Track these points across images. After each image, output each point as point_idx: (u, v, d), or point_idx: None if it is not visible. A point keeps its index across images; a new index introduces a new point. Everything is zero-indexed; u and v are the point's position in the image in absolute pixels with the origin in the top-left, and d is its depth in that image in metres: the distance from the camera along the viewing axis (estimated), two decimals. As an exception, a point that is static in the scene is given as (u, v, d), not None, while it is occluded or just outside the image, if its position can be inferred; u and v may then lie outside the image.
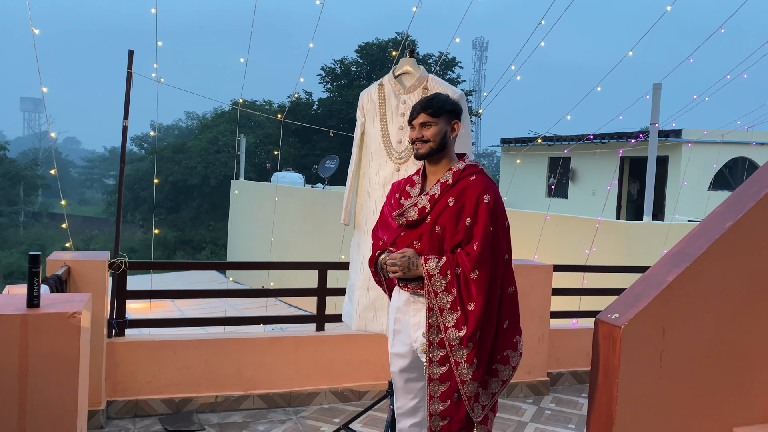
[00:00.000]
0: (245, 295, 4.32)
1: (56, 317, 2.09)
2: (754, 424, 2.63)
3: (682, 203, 12.45)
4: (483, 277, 2.35)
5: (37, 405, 2.08)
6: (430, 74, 3.11)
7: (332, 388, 4.25)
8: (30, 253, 2.15)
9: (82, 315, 2.14)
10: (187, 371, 3.97)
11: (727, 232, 2.57)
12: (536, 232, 7.19)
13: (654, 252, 7.51)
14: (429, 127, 2.50)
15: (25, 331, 2.06)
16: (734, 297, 2.58)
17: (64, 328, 2.11)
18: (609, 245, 7.75)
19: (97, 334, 3.63)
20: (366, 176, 3.20)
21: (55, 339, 2.11)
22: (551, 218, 8.37)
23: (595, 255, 7.17)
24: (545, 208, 14.11)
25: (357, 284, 3.20)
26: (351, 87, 30.31)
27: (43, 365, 2.08)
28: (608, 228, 7.86)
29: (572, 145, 14.17)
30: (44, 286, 2.86)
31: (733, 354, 2.59)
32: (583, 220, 8.36)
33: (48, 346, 2.10)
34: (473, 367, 2.36)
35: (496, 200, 2.45)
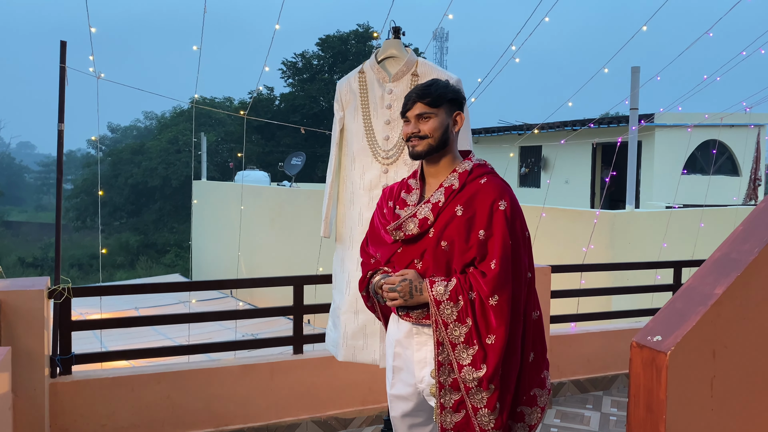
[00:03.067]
0: (213, 319, 3.81)
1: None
2: (815, 453, 2.27)
3: (656, 189, 12.29)
4: (504, 302, 1.91)
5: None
6: (419, 57, 2.64)
7: (314, 418, 3.77)
8: None
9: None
10: (148, 410, 3.44)
11: (780, 232, 2.19)
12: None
13: (639, 242, 7.22)
14: (427, 120, 2.04)
15: None
16: (792, 309, 2.20)
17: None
18: (592, 237, 7.43)
19: (36, 376, 3.08)
20: (348, 180, 2.72)
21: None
22: (529, 210, 8.00)
23: (576, 249, 6.83)
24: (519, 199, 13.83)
25: (342, 307, 2.73)
26: (313, 81, 29.67)
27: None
28: (588, 218, 7.53)
29: (545, 134, 13.91)
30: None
31: (793, 375, 2.21)
32: (566, 212, 8.02)
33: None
34: (495, 414, 1.92)
35: (513, 207, 2.01)
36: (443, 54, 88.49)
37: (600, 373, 4.64)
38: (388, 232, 2.09)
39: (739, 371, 2.14)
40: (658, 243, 7.00)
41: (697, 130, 12.51)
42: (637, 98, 8.04)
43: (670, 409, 2.04)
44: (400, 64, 2.63)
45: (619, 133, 11.68)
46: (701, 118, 11.97)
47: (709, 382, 2.11)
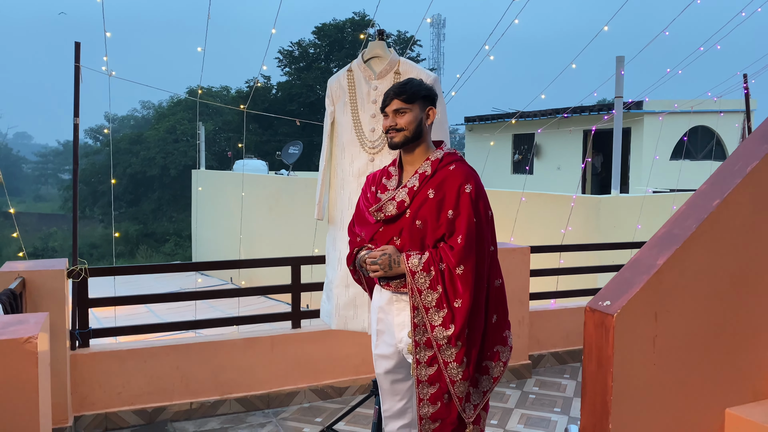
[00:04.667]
0: (217, 296, 4.13)
1: (10, 344, 1.90)
2: (746, 403, 2.60)
3: (645, 174, 12.60)
4: (469, 271, 2.23)
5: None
6: (401, 57, 2.95)
7: (312, 386, 4.11)
8: (-25, 275, 1.95)
9: (38, 338, 1.95)
10: (159, 379, 3.78)
11: (714, 211, 2.51)
12: (506, 211, 7.14)
13: (623, 226, 7.54)
14: (403, 115, 2.35)
15: (-26, 360, 1.87)
16: (724, 277, 2.52)
17: (20, 354, 1.92)
18: (578, 221, 7.75)
19: (59, 348, 3.41)
20: (339, 168, 3.04)
21: (11, 366, 1.92)
22: (517, 195, 8.32)
23: (567, 232, 7.16)
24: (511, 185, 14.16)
25: (335, 281, 3.06)
26: (310, 69, 29.84)
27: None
28: (577, 203, 7.86)
29: (537, 121, 14.19)
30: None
31: (725, 335, 2.54)
32: (554, 197, 8.34)
33: (3, 373, 1.91)
34: (463, 367, 2.25)
35: (478, 189, 2.33)
36: (440, 41, 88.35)
37: (577, 345, 4.98)
38: (371, 213, 2.40)
39: (678, 332, 2.47)
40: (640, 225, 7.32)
41: (685, 117, 12.80)
42: (621, 86, 8.32)
43: (617, 363, 2.37)
44: (384, 64, 2.94)
45: (610, 120, 11.97)
46: (689, 106, 12.25)
47: (651, 340, 2.44)
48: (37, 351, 1.94)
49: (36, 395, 1.99)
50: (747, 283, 2.57)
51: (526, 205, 8.23)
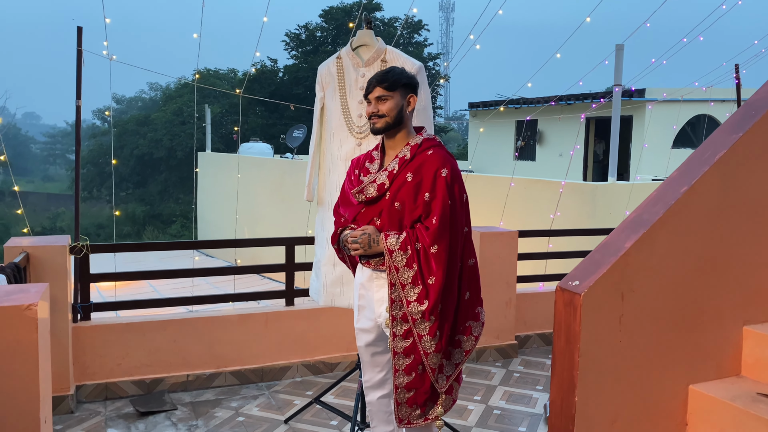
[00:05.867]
0: (214, 274, 4.29)
1: (11, 310, 2.05)
2: (708, 380, 2.73)
3: (646, 162, 12.65)
4: (442, 251, 2.36)
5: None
6: (388, 46, 3.07)
7: (304, 362, 4.28)
8: (-20, 246, 2.10)
9: (38, 306, 2.10)
10: (157, 352, 3.95)
11: (681, 197, 2.62)
12: (503, 197, 7.25)
13: (619, 213, 7.65)
14: (384, 102, 2.47)
15: (-21, 325, 2.02)
16: (689, 260, 2.64)
17: (20, 321, 2.07)
18: (575, 207, 7.86)
19: (61, 320, 3.58)
20: (328, 151, 3.17)
21: (12, 332, 2.07)
22: (518, 182, 8.44)
23: (561, 217, 7.27)
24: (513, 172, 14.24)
25: (323, 260, 3.20)
26: (317, 53, 29.82)
27: (0, 358, 2.05)
28: (573, 190, 7.96)
29: (538, 108, 14.23)
30: (1, 275, 2.81)
31: (688, 315, 2.67)
32: (550, 183, 8.44)
33: (5, 339, 2.06)
34: (436, 340, 2.39)
35: (453, 174, 2.45)
36: (449, 25, 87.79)
37: (564, 328, 5.11)
38: (354, 195, 2.54)
39: (644, 311, 2.60)
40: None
41: (687, 106, 12.81)
42: (620, 74, 8.38)
43: (584, 340, 2.51)
44: (371, 52, 3.06)
45: (600, 108, 12.01)
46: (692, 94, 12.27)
47: (617, 319, 2.57)
48: (37, 317, 2.09)
49: (36, 360, 2.14)
50: (713, 265, 2.69)
51: (523, 190, 8.35)
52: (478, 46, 4.75)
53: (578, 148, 7.13)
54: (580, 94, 13.76)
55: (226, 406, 3.79)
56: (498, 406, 3.85)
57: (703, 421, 2.65)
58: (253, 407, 3.78)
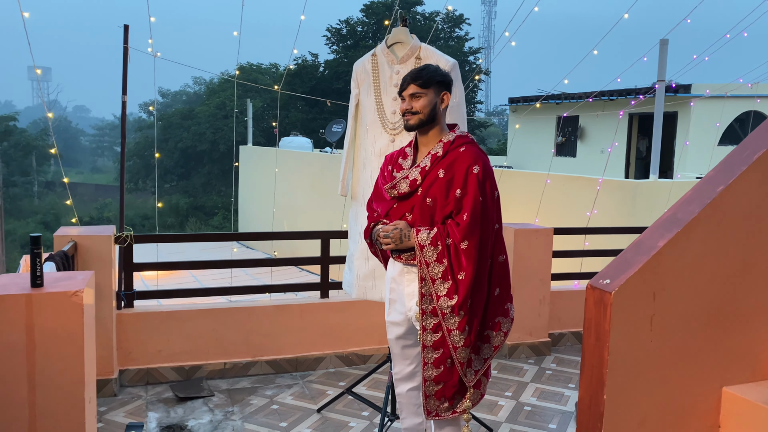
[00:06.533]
0: (252, 265, 4.41)
1: (59, 296, 2.17)
2: (743, 383, 2.69)
3: (691, 160, 12.34)
4: (472, 247, 2.39)
5: (45, 379, 2.18)
6: (422, 43, 3.10)
7: (337, 353, 4.36)
8: (31, 235, 2.22)
9: (84, 293, 2.21)
10: (196, 340, 4.08)
11: (718, 197, 2.59)
12: (540, 193, 7.20)
13: (659, 211, 7.50)
14: (418, 99, 2.51)
15: (30, 309, 2.14)
16: (724, 261, 2.61)
17: (68, 306, 2.19)
18: (614, 205, 7.74)
19: (106, 307, 3.74)
20: (362, 147, 3.23)
21: (59, 316, 2.19)
22: (556, 178, 8.35)
23: (599, 215, 7.18)
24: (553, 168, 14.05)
25: (356, 254, 3.26)
26: (357, 48, 29.94)
27: (49, 341, 2.17)
28: (613, 187, 7.84)
29: (579, 104, 14.01)
30: (51, 263, 2.95)
31: (723, 316, 2.63)
32: (589, 180, 8.33)
33: (53, 323, 2.18)
34: (465, 334, 2.43)
35: (485, 171, 2.48)
36: (491, 18, 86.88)
37: (599, 326, 5.07)
38: (386, 191, 2.58)
39: (677, 311, 2.58)
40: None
41: (735, 102, 12.44)
42: (664, 70, 8.20)
43: (614, 338, 2.50)
44: (406, 49, 3.09)
45: (639, 104, 11.74)
46: (738, 90, 11.90)
47: (649, 318, 2.56)
48: (83, 303, 2.21)
49: (82, 343, 2.26)
50: (748, 266, 2.65)
51: (561, 187, 8.26)
52: (513, 43, 4.73)
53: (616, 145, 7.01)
54: (623, 89, 13.48)
55: (261, 394, 3.90)
56: (529, 402, 3.86)
57: (736, 424, 2.62)
58: (287, 396, 3.88)
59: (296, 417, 3.59)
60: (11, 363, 2.13)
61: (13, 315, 2.13)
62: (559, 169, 13.92)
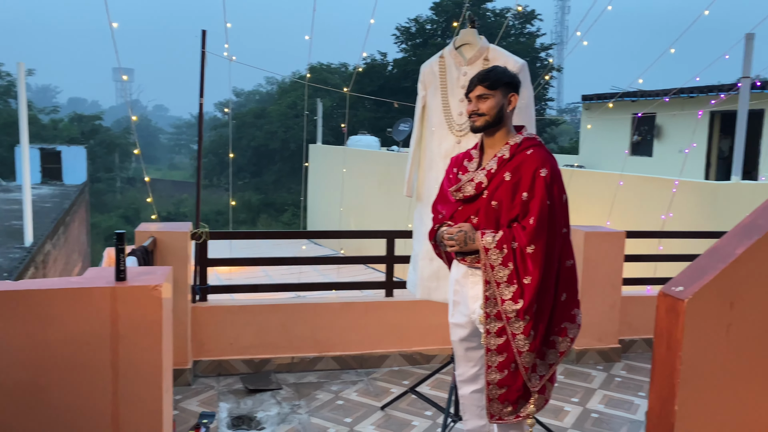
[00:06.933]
0: (319, 263, 4.51)
1: (141, 290, 2.30)
2: (830, 400, 2.54)
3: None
4: (539, 251, 2.37)
5: (127, 367, 2.32)
6: (491, 44, 3.08)
7: (402, 352, 4.40)
8: (116, 231, 2.36)
9: (162, 287, 2.34)
10: (265, 334, 4.22)
11: (803, 202, 2.45)
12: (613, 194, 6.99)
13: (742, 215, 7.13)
14: (485, 100, 2.50)
15: (114, 302, 2.28)
16: (810, 270, 2.47)
17: (148, 299, 2.32)
18: (692, 208, 7.42)
19: (181, 300, 3.92)
20: (428, 149, 3.25)
21: (141, 309, 2.32)
22: (630, 179, 8.07)
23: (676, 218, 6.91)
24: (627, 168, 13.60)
25: (420, 254, 3.29)
26: (426, 46, 29.89)
27: (131, 332, 2.31)
28: (692, 189, 7.51)
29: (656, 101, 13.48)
30: (133, 258, 3.13)
31: (807, 329, 2.49)
32: (666, 181, 8.01)
33: (134, 315, 2.32)
34: (530, 339, 2.41)
35: (553, 174, 2.45)
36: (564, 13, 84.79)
37: (673, 334, 4.88)
38: (451, 193, 2.60)
39: (756, 321, 2.46)
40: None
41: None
42: (749, 65, 7.79)
43: (686, 348, 2.42)
44: (474, 50, 3.09)
45: (721, 102, 11.15)
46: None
47: (725, 328, 2.46)
48: (161, 297, 2.33)
49: (160, 335, 2.39)
50: (837, 277, 2.49)
51: (636, 188, 7.99)
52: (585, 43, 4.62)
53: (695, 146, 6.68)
54: (703, 86, 12.87)
55: (327, 389, 3.99)
56: (596, 409, 3.77)
57: (819, 442, 2.48)
58: (352, 392, 3.95)
59: (360, 413, 3.66)
60: (98, 351, 2.28)
61: (100, 306, 2.28)
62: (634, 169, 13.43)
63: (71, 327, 2.26)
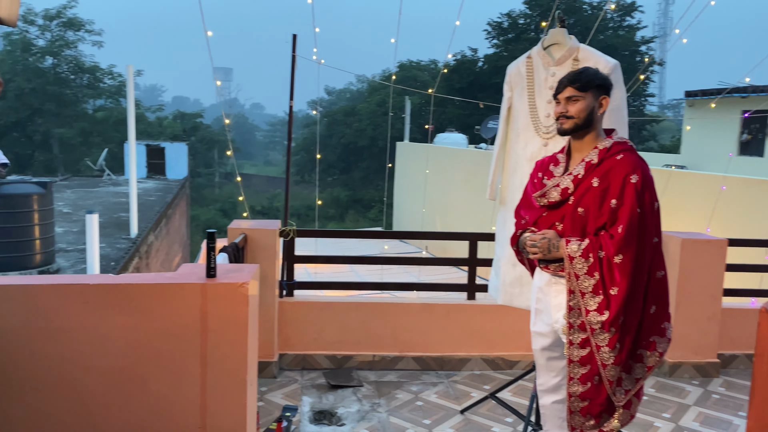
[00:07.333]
0: (401, 263, 4.53)
1: (228, 287, 2.40)
2: None
3: None
4: (627, 261, 2.27)
5: (214, 360, 2.43)
6: (581, 44, 2.97)
7: (484, 356, 4.34)
8: (207, 231, 2.48)
9: (249, 285, 2.43)
10: (348, 331, 4.30)
11: None
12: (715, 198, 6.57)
13: None
14: (575, 103, 2.42)
15: (204, 297, 2.40)
16: None
17: (235, 296, 2.42)
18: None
19: (269, 295, 4.06)
20: (513, 151, 3.18)
21: (228, 304, 2.43)
22: (735, 181, 7.55)
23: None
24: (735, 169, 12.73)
25: (503, 259, 3.23)
26: (518, 41, 29.26)
27: (218, 326, 2.42)
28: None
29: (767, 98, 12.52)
30: (224, 254, 3.28)
31: None
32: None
33: (222, 310, 2.42)
34: (615, 352, 2.31)
35: (644, 180, 2.33)
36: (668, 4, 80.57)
37: (780, 351, 4.53)
38: (535, 199, 2.53)
39: None
40: None
41: None
42: None
43: (792, 370, 2.24)
44: (563, 50, 2.99)
45: None
46: None
47: (836, 350, 2.25)
48: (248, 294, 2.43)
49: (246, 330, 2.49)
50: None
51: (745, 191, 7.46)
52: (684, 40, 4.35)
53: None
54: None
55: (406, 389, 4.01)
56: (690, 427, 3.56)
57: None
58: (432, 394, 3.95)
59: (439, 416, 3.65)
60: (188, 343, 2.40)
61: (191, 301, 2.40)
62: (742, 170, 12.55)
63: (165, 319, 2.39)
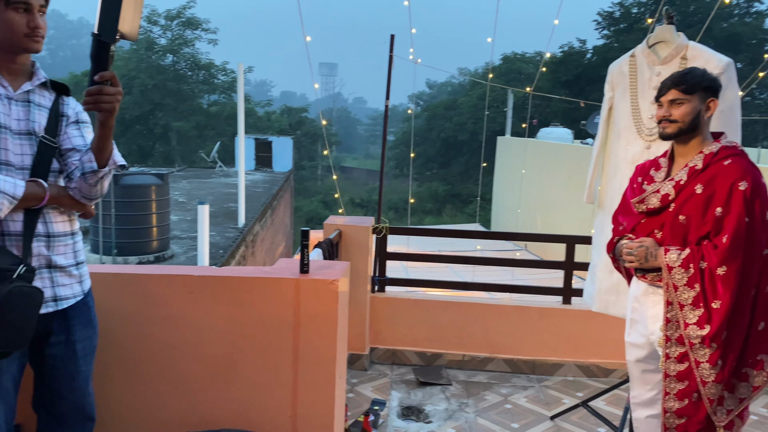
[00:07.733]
0: (493, 264, 4.48)
1: (320, 283, 2.50)
2: None
3: None
4: (732, 273, 2.13)
5: (306, 352, 2.53)
6: (690, 42, 2.81)
7: (577, 362, 4.22)
8: (302, 229, 2.59)
9: (339, 282, 2.51)
10: (438, 329, 4.32)
11: None
12: None
13: None
14: (679, 106, 2.30)
15: (298, 292, 2.51)
16: None
17: (326, 292, 2.51)
18: None
19: (362, 289, 4.16)
20: (613, 153, 3.06)
21: (319, 300, 2.52)
22: None
23: None
24: None
25: (599, 265, 3.13)
26: (630, 31, 27.83)
27: (310, 320, 2.52)
28: None
29: None
30: (319, 249, 3.39)
31: None
32: None
33: (314, 305, 2.52)
34: (716, 369, 2.18)
35: (755, 187, 2.17)
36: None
37: None
38: (634, 204, 2.43)
39: None
40: None
41: None
42: None
43: None
44: (670, 48, 2.83)
45: None
46: None
47: None
48: (338, 291, 2.51)
49: (335, 325, 2.57)
50: None
51: None
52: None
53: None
54: None
55: (496, 391, 3.97)
56: (805, 454, 3.29)
57: None
58: (522, 397, 3.89)
59: (528, 420, 3.59)
60: (282, 335, 2.52)
61: (286, 295, 2.52)
62: None
63: (261, 311, 2.52)
